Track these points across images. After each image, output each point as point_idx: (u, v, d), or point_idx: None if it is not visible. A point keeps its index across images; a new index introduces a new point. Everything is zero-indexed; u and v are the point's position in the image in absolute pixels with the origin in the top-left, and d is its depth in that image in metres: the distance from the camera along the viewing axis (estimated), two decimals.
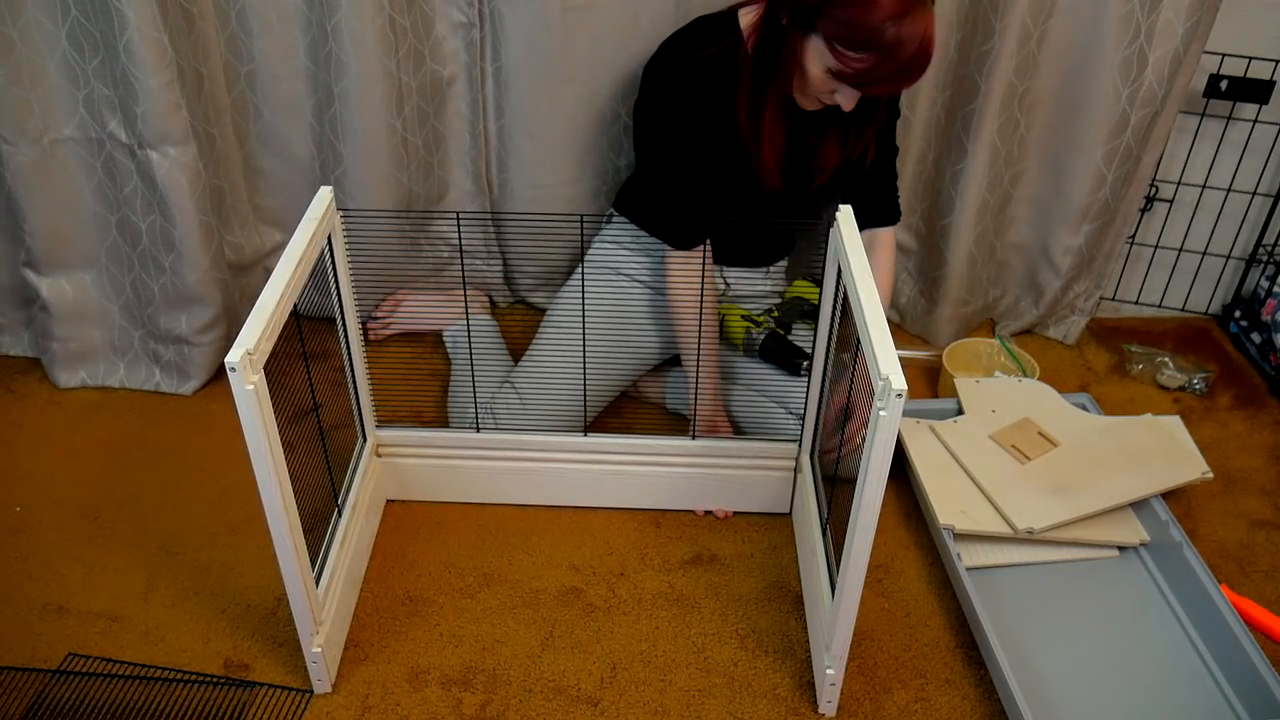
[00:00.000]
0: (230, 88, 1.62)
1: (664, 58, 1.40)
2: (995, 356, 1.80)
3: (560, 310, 1.63)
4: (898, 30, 1.18)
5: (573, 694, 1.25)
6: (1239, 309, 1.93)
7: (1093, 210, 1.73)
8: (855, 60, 1.21)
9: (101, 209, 1.62)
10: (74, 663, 1.27)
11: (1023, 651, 1.30)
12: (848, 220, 1.20)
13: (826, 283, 1.28)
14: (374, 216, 1.67)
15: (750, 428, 1.56)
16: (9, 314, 1.77)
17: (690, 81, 1.38)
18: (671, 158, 1.43)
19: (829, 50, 1.23)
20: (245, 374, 0.95)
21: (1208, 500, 1.56)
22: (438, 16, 1.60)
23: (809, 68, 1.27)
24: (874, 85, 1.25)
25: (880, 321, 1.02)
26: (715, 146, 1.41)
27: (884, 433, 0.96)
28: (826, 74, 1.26)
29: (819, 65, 1.26)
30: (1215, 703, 1.25)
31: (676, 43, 1.40)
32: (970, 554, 1.41)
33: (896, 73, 1.22)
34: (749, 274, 1.65)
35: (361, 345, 1.36)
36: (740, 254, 1.62)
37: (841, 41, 1.21)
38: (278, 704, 1.23)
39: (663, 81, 1.40)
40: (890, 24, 1.17)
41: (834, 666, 1.18)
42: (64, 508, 1.51)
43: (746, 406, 1.57)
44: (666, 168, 1.44)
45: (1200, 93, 1.72)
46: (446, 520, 1.50)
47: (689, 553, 1.45)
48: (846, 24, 1.20)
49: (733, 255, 1.61)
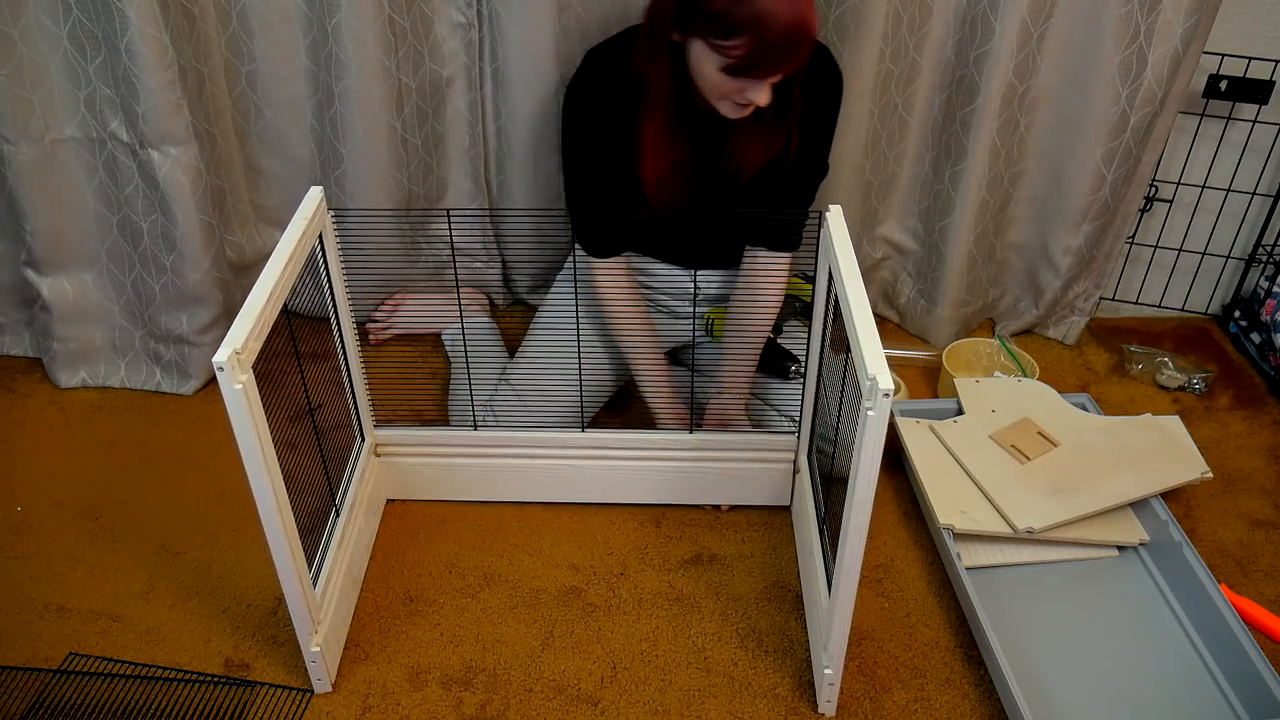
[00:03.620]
0: (231, 88, 1.63)
1: (582, 72, 1.41)
2: (995, 356, 1.80)
3: (550, 307, 1.63)
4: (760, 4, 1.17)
5: (573, 694, 1.25)
6: (1238, 309, 1.94)
7: (1092, 210, 1.73)
8: (733, 48, 1.21)
9: (102, 209, 1.63)
10: (75, 662, 1.27)
11: (1023, 651, 1.30)
12: (837, 220, 1.20)
13: (819, 284, 1.28)
14: (366, 216, 1.67)
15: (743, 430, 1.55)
16: (10, 314, 1.78)
17: (598, 101, 1.39)
18: (581, 173, 1.45)
19: (709, 49, 1.23)
20: (233, 373, 0.95)
21: (1207, 500, 1.56)
22: (437, 17, 1.60)
23: (703, 72, 1.27)
24: (764, 66, 1.23)
25: (868, 321, 1.02)
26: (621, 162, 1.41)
27: (873, 432, 0.96)
28: (720, 73, 1.25)
29: (710, 66, 1.25)
30: (1215, 703, 1.25)
31: (597, 56, 1.41)
32: (970, 554, 1.41)
33: (777, 48, 1.20)
34: (724, 275, 1.64)
35: (357, 345, 1.36)
36: (704, 257, 1.62)
37: (715, 34, 1.21)
38: (278, 704, 1.23)
39: (573, 99, 1.41)
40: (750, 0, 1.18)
41: (832, 666, 1.18)
42: (65, 508, 1.51)
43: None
44: (578, 181, 1.46)
45: (1200, 93, 1.72)
46: (446, 520, 1.50)
47: (689, 552, 1.45)
48: (713, 15, 1.20)
49: (697, 259, 1.61)
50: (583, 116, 1.41)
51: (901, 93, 1.69)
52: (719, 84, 1.26)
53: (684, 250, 1.59)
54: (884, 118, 1.72)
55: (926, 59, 1.64)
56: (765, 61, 1.22)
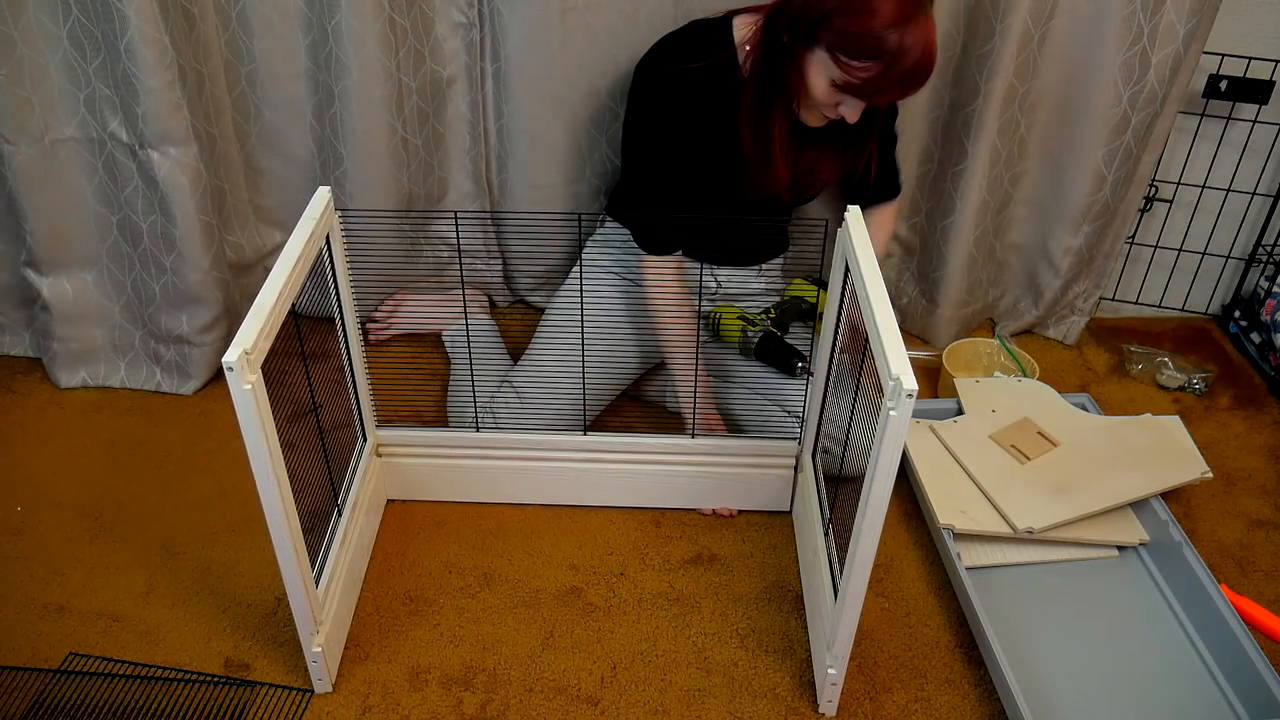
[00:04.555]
0: (231, 88, 1.62)
1: (653, 61, 1.40)
2: (995, 356, 1.80)
3: (557, 310, 1.63)
4: (900, 37, 1.18)
5: (573, 694, 1.25)
6: (1238, 309, 1.94)
7: (1093, 210, 1.73)
8: (859, 70, 1.22)
9: (102, 209, 1.63)
10: (75, 662, 1.27)
11: (1023, 651, 1.30)
12: (856, 221, 1.20)
13: (833, 283, 1.28)
14: (372, 216, 1.67)
15: (748, 427, 1.56)
16: (10, 314, 1.78)
17: (677, 91, 1.38)
18: (653, 164, 1.44)
19: (833, 62, 1.23)
20: (242, 373, 0.95)
21: (1207, 500, 1.56)
22: (438, 17, 1.60)
23: (813, 81, 1.27)
24: (879, 94, 1.25)
25: (890, 322, 1.02)
26: (698, 156, 1.41)
27: (894, 432, 0.96)
28: (831, 87, 1.26)
29: (823, 78, 1.26)
30: (1215, 703, 1.25)
31: (668, 46, 1.40)
32: (970, 554, 1.41)
33: (901, 80, 1.22)
34: (741, 273, 1.65)
35: (361, 345, 1.36)
36: (730, 254, 1.62)
37: (845, 52, 1.22)
38: (278, 704, 1.23)
39: (649, 87, 1.40)
40: (892, 31, 1.18)
41: (836, 666, 1.18)
42: (65, 508, 1.51)
43: (744, 406, 1.57)
44: (648, 173, 1.45)
45: (1200, 93, 1.72)
46: (447, 520, 1.50)
47: (689, 552, 1.45)
48: (848, 34, 1.20)
49: (722, 255, 1.61)
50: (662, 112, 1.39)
51: None
52: (822, 94, 1.27)
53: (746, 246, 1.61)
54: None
55: None
56: (887, 90, 1.23)
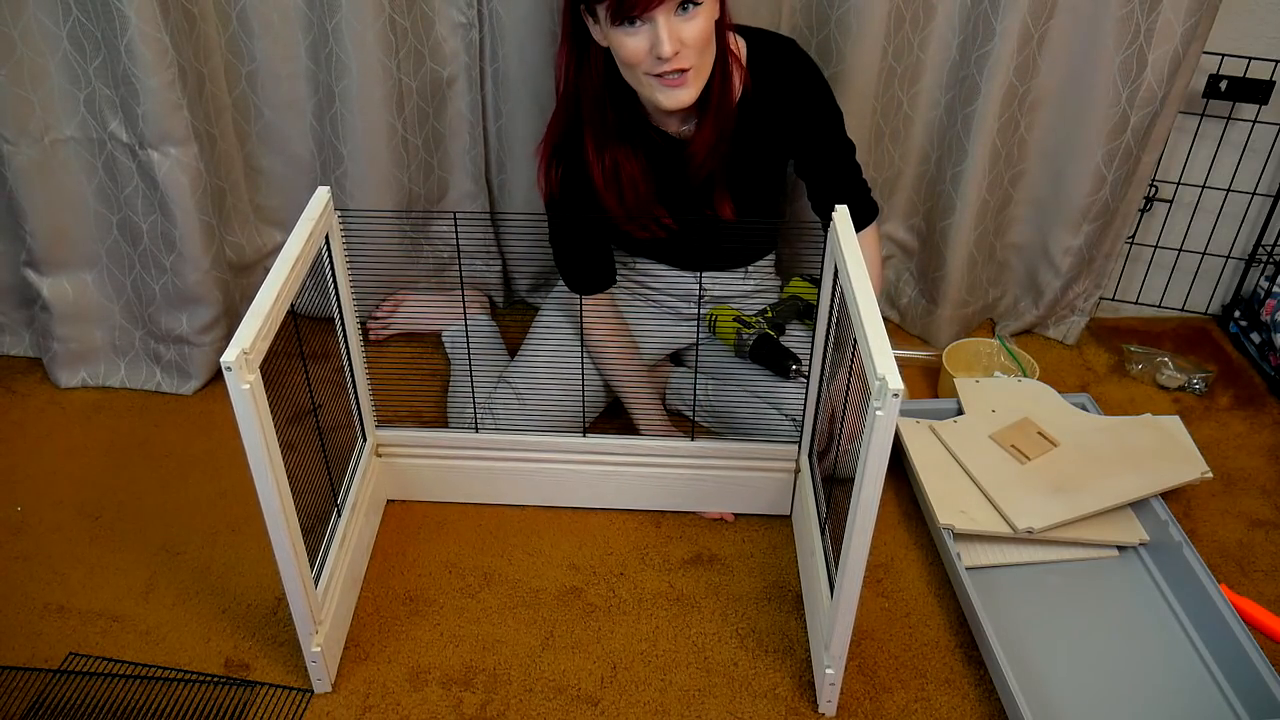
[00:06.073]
0: (231, 88, 1.63)
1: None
2: (995, 356, 1.80)
3: (551, 309, 1.64)
4: None
5: (573, 694, 1.25)
6: (1238, 309, 1.94)
7: (1092, 210, 1.73)
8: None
9: (102, 209, 1.63)
10: (75, 662, 1.27)
11: (1023, 651, 1.30)
12: (844, 220, 1.20)
13: (825, 284, 1.28)
14: (372, 217, 1.67)
15: (744, 429, 1.55)
16: (10, 314, 1.78)
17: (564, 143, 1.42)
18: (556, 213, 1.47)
19: (600, 19, 1.25)
20: (241, 373, 0.95)
21: (1207, 500, 1.56)
22: (438, 17, 1.60)
23: (620, 55, 1.27)
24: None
25: (876, 322, 1.02)
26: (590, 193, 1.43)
27: (881, 433, 0.96)
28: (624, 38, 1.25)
29: (617, 40, 1.26)
30: (1215, 703, 1.25)
31: None
32: (970, 554, 1.41)
33: None
34: (728, 276, 1.64)
35: (361, 345, 1.36)
36: (710, 261, 1.62)
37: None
38: (278, 704, 1.23)
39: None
40: None
41: (833, 666, 1.18)
42: (65, 508, 1.51)
43: (740, 407, 1.56)
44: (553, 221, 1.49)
45: (1200, 93, 1.72)
46: (446, 520, 1.50)
47: (689, 553, 1.45)
48: None
49: (703, 263, 1.61)
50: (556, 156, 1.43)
51: (906, 91, 1.69)
52: (632, 55, 1.26)
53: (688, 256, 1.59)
54: (887, 115, 1.72)
55: (931, 58, 1.64)
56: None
